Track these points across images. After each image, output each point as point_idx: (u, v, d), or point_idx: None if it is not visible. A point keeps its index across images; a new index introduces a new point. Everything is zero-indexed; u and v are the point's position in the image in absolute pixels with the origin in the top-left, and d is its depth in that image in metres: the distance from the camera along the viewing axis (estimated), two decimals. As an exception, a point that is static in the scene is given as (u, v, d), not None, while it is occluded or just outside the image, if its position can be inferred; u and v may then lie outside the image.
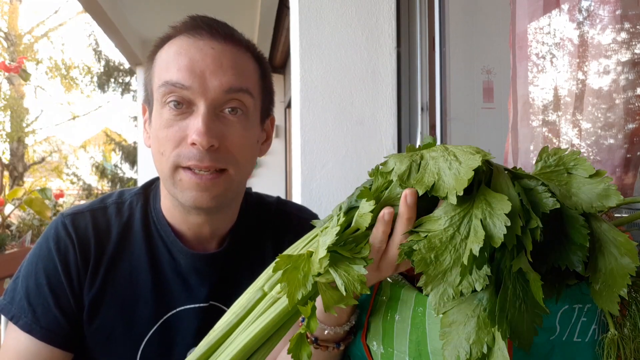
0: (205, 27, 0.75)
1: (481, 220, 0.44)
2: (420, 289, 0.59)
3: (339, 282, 0.47)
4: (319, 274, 0.48)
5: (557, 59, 0.95)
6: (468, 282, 0.43)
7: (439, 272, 0.44)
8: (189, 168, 0.72)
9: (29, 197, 2.62)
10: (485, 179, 0.48)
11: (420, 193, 0.48)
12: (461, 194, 0.45)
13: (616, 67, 0.81)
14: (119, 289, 0.77)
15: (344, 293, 0.47)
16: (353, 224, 0.52)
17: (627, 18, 0.80)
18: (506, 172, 0.51)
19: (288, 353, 0.48)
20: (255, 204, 0.90)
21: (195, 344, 0.78)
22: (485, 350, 0.43)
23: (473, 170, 0.45)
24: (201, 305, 0.79)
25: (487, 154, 0.48)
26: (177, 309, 0.79)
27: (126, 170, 10.99)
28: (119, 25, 4.23)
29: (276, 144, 5.54)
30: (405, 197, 0.50)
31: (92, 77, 11.74)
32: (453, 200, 0.45)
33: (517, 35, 1.04)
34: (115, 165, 11.18)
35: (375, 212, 0.51)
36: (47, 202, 2.73)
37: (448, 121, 1.50)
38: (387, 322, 0.61)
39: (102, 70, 11.26)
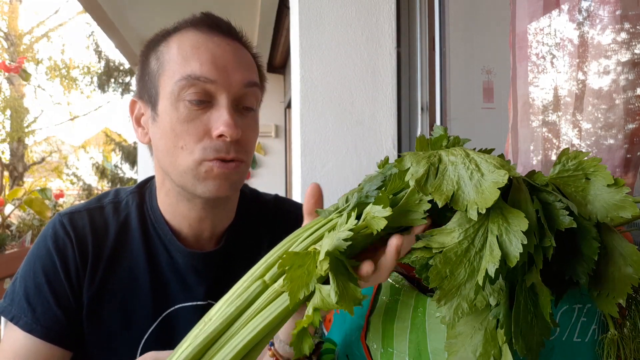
0: (215, 25, 0.76)
1: (497, 237, 0.43)
2: (421, 290, 0.60)
3: (333, 290, 0.45)
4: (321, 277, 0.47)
5: (557, 59, 0.95)
6: (482, 297, 0.43)
7: (453, 286, 0.43)
8: (215, 160, 0.72)
9: (29, 197, 2.62)
10: (503, 190, 0.46)
11: (440, 204, 0.45)
12: (483, 211, 0.43)
13: (616, 68, 0.81)
14: (118, 287, 0.77)
15: (334, 300, 0.45)
16: (362, 221, 0.49)
17: (627, 18, 0.80)
18: (524, 182, 0.50)
19: (290, 346, 0.48)
20: (252, 201, 0.91)
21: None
22: None
23: (499, 189, 0.43)
24: (199, 303, 0.80)
25: (511, 167, 0.46)
26: (175, 307, 0.79)
27: (126, 171, 10.99)
28: (119, 25, 4.23)
29: (276, 144, 5.54)
30: (397, 249, 0.48)
31: (92, 77, 11.75)
32: (474, 215, 0.43)
33: (517, 35, 1.04)
34: (116, 166, 11.17)
35: (390, 219, 0.48)
36: (47, 202, 2.74)
37: (448, 121, 1.50)
38: (387, 322, 0.61)
39: (102, 70, 11.27)
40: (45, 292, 0.75)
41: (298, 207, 0.96)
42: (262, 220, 0.90)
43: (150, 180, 0.86)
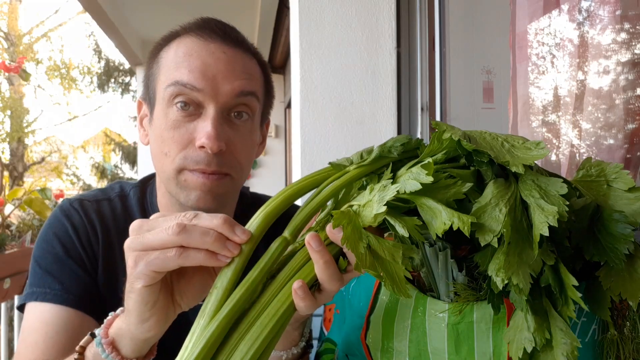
0: (217, 30, 0.74)
1: (542, 199, 0.44)
2: (421, 290, 0.59)
3: (401, 230, 0.46)
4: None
5: (557, 59, 0.95)
6: (540, 259, 0.43)
7: (516, 254, 0.44)
8: (195, 171, 0.71)
9: (29, 197, 2.62)
10: (540, 158, 0.48)
11: (488, 159, 0.47)
12: (521, 171, 0.45)
13: (616, 68, 0.81)
14: (121, 272, 0.78)
15: (407, 233, 0.45)
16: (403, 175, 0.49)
17: (627, 18, 0.80)
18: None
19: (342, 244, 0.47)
20: (250, 205, 0.91)
21: (180, 333, 0.79)
22: (547, 335, 0.44)
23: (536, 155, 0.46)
24: None
25: (542, 144, 0.48)
26: None
27: (126, 171, 11.00)
28: (119, 25, 4.23)
29: (276, 144, 5.53)
30: (310, 244, 0.48)
31: (92, 77, 11.75)
32: (521, 170, 0.45)
33: (517, 35, 1.04)
34: (115, 166, 11.18)
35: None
36: (47, 202, 2.73)
37: (448, 121, 1.50)
38: (387, 322, 0.61)
39: (102, 70, 11.27)
40: (68, 262, 0.74)
41: (296, 209, 0.96)
42: None
43: (153, 177, 0.87)
